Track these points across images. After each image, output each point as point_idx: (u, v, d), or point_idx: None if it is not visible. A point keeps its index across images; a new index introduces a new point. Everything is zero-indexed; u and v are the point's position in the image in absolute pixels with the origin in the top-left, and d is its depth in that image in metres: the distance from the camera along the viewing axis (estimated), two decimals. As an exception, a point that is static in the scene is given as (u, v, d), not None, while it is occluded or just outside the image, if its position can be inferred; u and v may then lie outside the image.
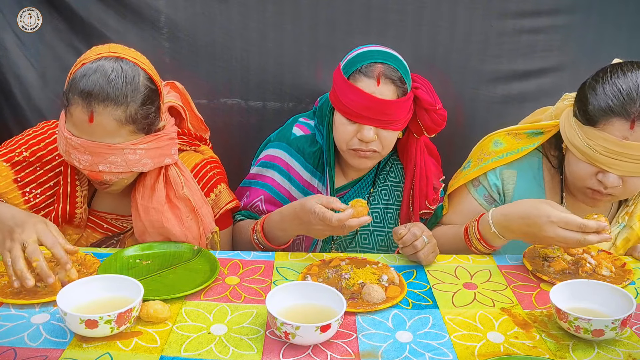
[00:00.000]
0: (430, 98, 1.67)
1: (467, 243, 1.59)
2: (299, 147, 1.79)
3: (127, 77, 1.42)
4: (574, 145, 1.50)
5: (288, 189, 1.78)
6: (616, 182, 1.46)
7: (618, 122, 1.41)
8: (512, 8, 2.07)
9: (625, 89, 1.40)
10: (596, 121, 1.45)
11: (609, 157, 1.44)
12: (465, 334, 1.24)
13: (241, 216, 1.81)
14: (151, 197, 1.56)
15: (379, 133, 1.65)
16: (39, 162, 1.61)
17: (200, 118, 1.81)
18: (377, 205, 1.83)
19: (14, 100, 2.06)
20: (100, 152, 1.43)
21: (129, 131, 1.45)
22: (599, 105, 1.43)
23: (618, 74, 1.44)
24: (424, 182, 1.78)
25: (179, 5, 2.02)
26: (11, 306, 1.29)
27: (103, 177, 1.48)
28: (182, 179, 1.58)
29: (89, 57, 1.46)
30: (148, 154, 1.49)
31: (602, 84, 1.45)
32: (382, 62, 1.62)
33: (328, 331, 1.16)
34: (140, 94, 1.44)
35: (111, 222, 1.68)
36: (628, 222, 1.63)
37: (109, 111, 1.40)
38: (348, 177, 1.84)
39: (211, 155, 1.76)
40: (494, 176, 1.70)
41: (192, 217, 1.59)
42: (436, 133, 1.75)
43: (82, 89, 1.39)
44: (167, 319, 1.26)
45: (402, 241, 1.49)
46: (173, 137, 1.57)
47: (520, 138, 1.69)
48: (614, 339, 1.22)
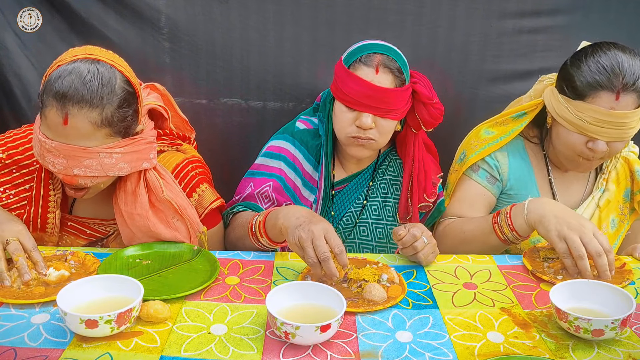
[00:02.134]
0: (427, 92, 1.72)
1: (493, 225, 1.61)
2: (303, 140, 1.82)
3: (104, 79, 1.39)
4: (564, 119, 1.65)
5: (294, 180, 1.80)
6: (605, 148, 1.62)
7: (605, 95, 1.57)
8: (512, 8, 2.07)
9: (609, 65, 1.57)
10: (585, 95, 1.60)
11: (598, 126, 1.59)
12: (465, 334, 1.24)
13: (242, 207, 1.78)
14: (134, 203, 1.53)
15: (377, 121, 1.68)
16: (15, 165, 1.58)
17: (184, 119, 1.78)
18: (376, 198, 1.85)
19: (14, 100, 2.06)
20: (75, 155, 1.39)
21: (104, 134, 1.41)
22: (586, 81, 1.59)
23: (599, 52, 1.60)
24: (422, 176, 1.81)
25: (179, 5, 2.02)
26: (11, 306, 1.29)
27: (78, 181, 1.44)
28: (162, 182, 1.54)
29: (65, 59, 1.42)
30: (125, 158, 1.46)
31: (585, 62, 1.61)
32: (381, 52, 1.67)
33: (328, 331, 1.16)
34: (116, 96, 1.40)
35: (94, 227, 1.65)
36: (606, 186, 1.82)
37: (84, 113, 1.36)
38: (348, 171, 1.86)
39: (193, 154, 1.71)
40: (490, 159, 1.81)
41: (179, 219, 1.57)
42: (434, 127, 1.78)
43: (57, 90, 1.35)
44: (167, 319, 1.26)
45: (402, 242, 1.49)
46: (151, 141, 1.53)
47: (507, 122, 1.83)
48: (614, 339, 1.22)
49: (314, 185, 1.81)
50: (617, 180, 1.82)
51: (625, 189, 1.82)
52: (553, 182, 1.81)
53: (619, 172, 1.82)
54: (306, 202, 1.80)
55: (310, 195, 1.81)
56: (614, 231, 1.81)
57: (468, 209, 1.80)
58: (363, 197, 1.85)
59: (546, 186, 1.82)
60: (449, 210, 1.85)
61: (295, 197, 1.80)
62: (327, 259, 1.33)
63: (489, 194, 1.81)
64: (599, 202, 1.80)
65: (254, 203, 1.78)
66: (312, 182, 1.81)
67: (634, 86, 1.55)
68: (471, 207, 1.80)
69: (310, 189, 1.81)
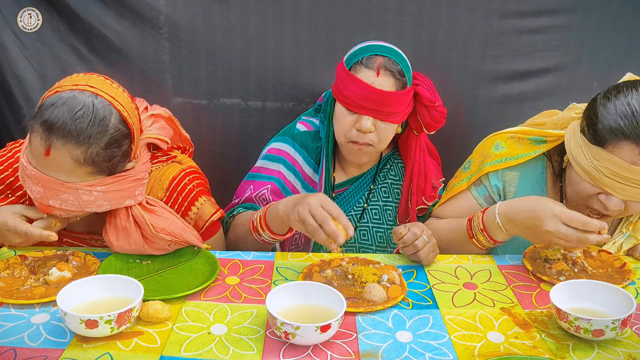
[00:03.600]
0: (430, 95, 1.70)
1: (468, 234, 1.56)
2: (303, 142, 1.81)
3: (97, 117, 1.32)
4: (578, 164, 1.46)
5: (293, 183, 1.80)
6: (619, 206, 1.43)
7: (628, 146, 1.36)
8: (512, 8, 2.07)
9: (639, 111, 1.34)
10: (605, 142, 1.40)
11: (615, 180, 1.39)
12: (465, 334, 1.24)
13: (242, 208, 1.78)
14: (127, 239, 1.47)
15: (377, 124, 1.67)
16: (9, 189, 1.55)
17: (186, 137, 1.72)
18: (377, 202, 1.84)
19: (13, 100, 2.06)
20: (52, 187, 1.35)
21: (86, 172, 1.36)
22: (609, 125, 1.38)
23: (632, 93, 1.38)
24: (422, 178, 1.80)
25: (179, 5, 2.02)
26: (11, 306, 1.29)
27: (52, 212, 1.41)
28: (147, 217, 1.46)
29: (64, 85, 1.36)
30: (105, 196, 1.40)
31: (614, 101, 1.39)
32: (383, 55, 1.66)
33: (328, 331, 1.16)
34: (106, 136, 1.34)
35: (90, 242, 1.62)
36: (632, 232, 1.60)
37: (68, 149, 1.31)
38: (348, 174, 1.86)
39: (189, 165, 1.63)
40: (495, 177, 1.68)
41: (177, 244, 1.52)
42: (435, 130, 1.77)
43: (46, 119, 1.30)
44: (167, 319, 1.26)
45: (403, 240, 1.49)
46: (140, 177, 1.46)
47: (523, 144, 1.65)
48: (614, 339, 1.22)
49: (314, 188, 1.80)
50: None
51: None
52: None
53: None
54: None
55: None
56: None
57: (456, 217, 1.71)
58: (364, 200, 1.84)
59: None
60: (438, 210, 1.80)
61: None
62: (325, 220, 1.36)
63: None
64: (620, 249, 1.58)
65: (253, 204, 1.79)
66: (312, 185, 1.81)
67: None
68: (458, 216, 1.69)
69: (310, 191, 1.80)
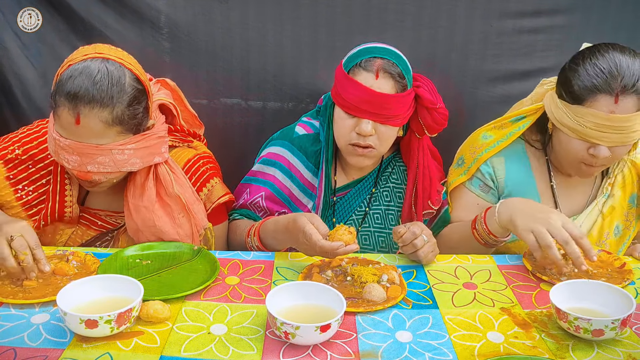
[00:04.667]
0: (431, 97, 1.68)
1: (472, 231, 1.62)
2: (302, 146, 1.79)
3: (113, 78, 1.42)
4: (563, 125, 1.60)
5: (289, 187, 1.78)
6: (607, 153, 1.57)
7: (603, 98, 1.52)
8: (512, 8, 2.07)
9: (606, 68, 1.52)
10: (583, 99, 1.55)
11: (598, 130, 1.54)
12: (465, 334, 1.24)
13: (239, 215, 1.80)
14: (142, 196, 1.56)
15: (377, 128, 1.64)
16: (31, 160, 1.63)
17: (193, 114, 1.81)
18: (379, 206, 1.83)
19: (14, 100, 2.06)
20: (88, 152, 1.44)
21: (116, 132, 1.45)
22: (584, 84, 1.55)
23: (596, 55, 1.56)
24: (427, 183, 1.78)
25: (179, 5, 2.02)
26: (11, 306, 1.29)
27: (92, 177, 1.49)
28: (172, 176, 1.58)
29: (75, 58, 1.46)
30: (137, 154, 1.50)
31: (582, 65, 1.56)
32: (382, 57, 1.63)
33: (328, 331, 1.16)
34: (126, 94, 1.44)
35: (105, 219, 1.68)
36: (611, 191, 1.76)
37: (95, 113, 1.41)
38: (349, 177, 1.83)
39: (204, 150, 1.75)
40: (485, 165, 1.78)
41: (184, 215, 1.60)
42: (438, 132, 1.75)
43: (68, 91, 1.40)
44: (167, 319, 1.26)
45: (402, 239, 1.49)
46: (162, 135, 1.57)
47: (506, 127, 1.79)
48: (614, 339, 1.22)
49: (314, 192, 1.78)
50: (623, 185, 1.75)
51: (631, 194, 1.75)
52: (555, 188, 1.76)
53: (626, 176, 1.75)
54: (303, 208, 1.78)
55: (309, 201, 1.78)
56: (618, 238, 1.75)
57: (466, 217, 1.76)
58: (365, 204, 1.82)
59: (548, 192, 1.76)
60: (452, 217, 1.83)
61: (291, 203, 1.79)
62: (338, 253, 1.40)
63: (484, 202, 1.77)
64: (602, 209, 1.74)
65: (248, 210, 1.80)
66: (312, 189, 1.78)
67: (633, 88, 1.50)
68: (469, 215, 1.73)
69: (310, 195, 1.79)
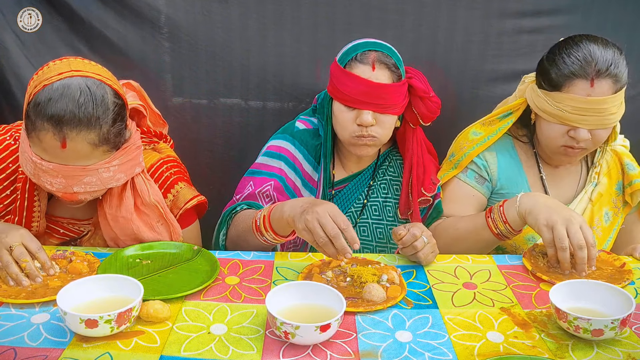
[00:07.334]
0: (423, 86, 1.73)
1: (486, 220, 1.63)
2: (303, 139, 1.82)
3: (97, 98, 1.37)
4: (544, 112, 1.69)
5: (294, 181, 1.80)
6: (586, 136, 1.65)
7: (580, 83, 1.62)
8: (512, 8, 2.07)
9: (581, 55, 1.62)
10: (561, 85, 1.65)
11: (577, 114, 1.63)
12: (465, 334, 1.24)
13: (245, 205, 1.75)
14: (119, 207, 1.53)
15: (377, 117, 1.68)
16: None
17: (157, 113, 1.76)
18: (376, 198, 1.85)
19: (14, 100, 2.06)
20: (75, 175, 1.39)
21: (102, 151, 1.41)
22: (561, 72, 1.64)
23: (571, 45, 1.66)
24: (421, 170, 1.82)
25: (179, 5, 2.02)
26: (11, 306, 1.29)
27: (78, 197, 1.44)
28: (148, 185, 1.55)
29: (50, 77, 1.37)
30: (121, 168, 1.46)
31: (559, 55, 1.66)
32: (376, 49, 1.68)
33: (328, 331, 1.16)
34: (110, 112, 1.39)
35: (67, 227, 1.64)
36: (598, 179, 1.84)
37: (83, 136, 1.35)
38: (348, 171, 1.86)
39: (168, 154, 1.69)
40: (479, 159, 1.84)
41: (162, 223, 1.58)
42: (431, 121, 1.78)
43: (52, 114, 1.33)
44: (167, 318, 1.26)
45: (402, 242, 1.49)
46: (139, 145, 1.52)
47: (494, 123, 1.86)
48: (614, 339, 1.22)
49: (314, 186, 1.81)
50: (609, 173, 1.84)
51: (617, 181, 1.84)
52: (544, 179, 1.83)
53: (610, 165, 1.84)
54: None
55: (309, 194, 1.81)
56: (609, 224, 1.82)
57: (460, 210, 1.82)
58: (363, 196, 1.85)
59: (538, 183, 1.84)
60: (445, 210, 1.85)
61: (296, 197, 1.80)
62: (337, 235, 1.36)
63: (479, 194, 1.82)
64: (591, 196, 1.83)
65: (255, 202, 1.78)
66: (312, 183, 1.81)
67: (607, 72, 1.59)
68: (462, 208, 1.82)
69: (310, 189, 1.81)
